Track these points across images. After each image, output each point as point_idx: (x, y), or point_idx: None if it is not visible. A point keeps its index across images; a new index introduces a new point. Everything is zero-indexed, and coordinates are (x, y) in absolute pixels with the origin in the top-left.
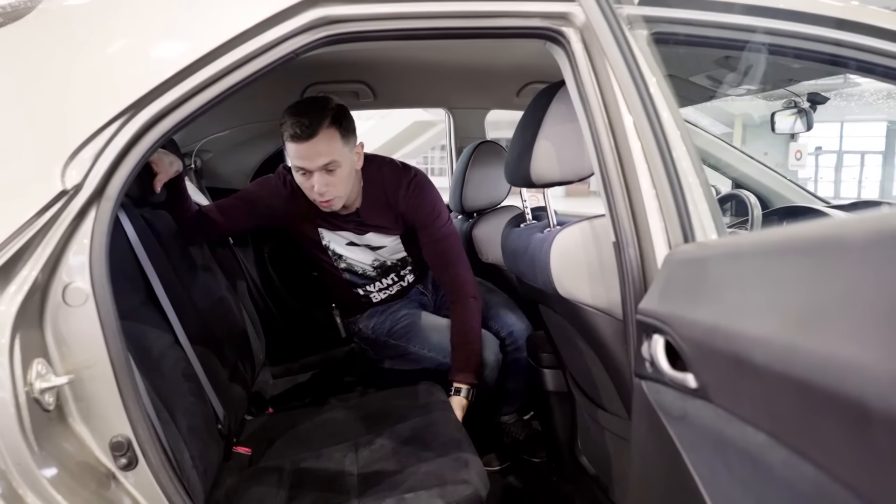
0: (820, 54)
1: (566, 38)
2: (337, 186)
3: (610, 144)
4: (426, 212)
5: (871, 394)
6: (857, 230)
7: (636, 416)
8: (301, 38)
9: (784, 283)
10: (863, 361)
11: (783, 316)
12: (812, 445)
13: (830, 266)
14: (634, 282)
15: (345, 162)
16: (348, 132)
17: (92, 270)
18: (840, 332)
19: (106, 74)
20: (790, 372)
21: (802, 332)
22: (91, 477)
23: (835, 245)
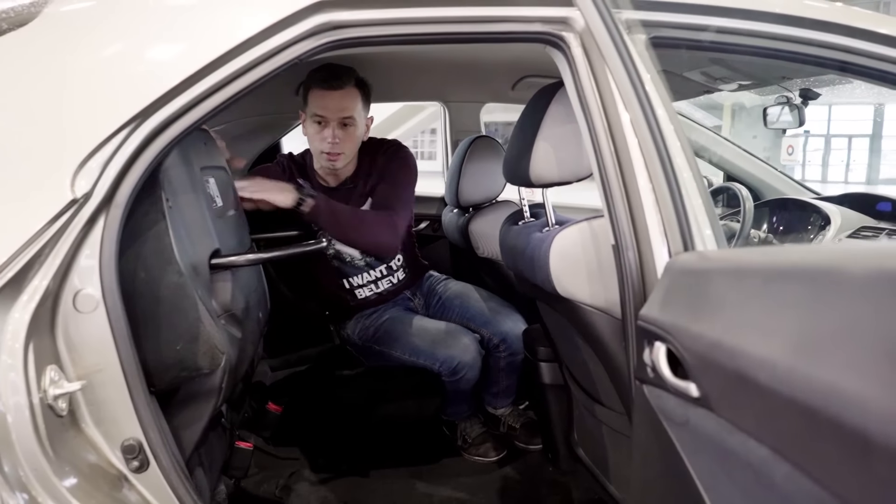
0: (811, 57)
1: (566, 43)
2: (346, 143)
3: (609, 149)
4: (397, 164)
5: (872, 426)
6: (857, 265)
7: (637, 419)
8: (305, 44)
9: (785, 307)
10: (863, 395)
11: (785, 339)
12: (814, 464)
13: (830, 297)
14: (633, 284)
15: (359, 122)
16: (367, 99)
17: (102, 277)
18: (840, 362)
19: (113, 82)
20: (793, 395)
21: (804, 358)
22: (104, 480)
23: (835, 277)
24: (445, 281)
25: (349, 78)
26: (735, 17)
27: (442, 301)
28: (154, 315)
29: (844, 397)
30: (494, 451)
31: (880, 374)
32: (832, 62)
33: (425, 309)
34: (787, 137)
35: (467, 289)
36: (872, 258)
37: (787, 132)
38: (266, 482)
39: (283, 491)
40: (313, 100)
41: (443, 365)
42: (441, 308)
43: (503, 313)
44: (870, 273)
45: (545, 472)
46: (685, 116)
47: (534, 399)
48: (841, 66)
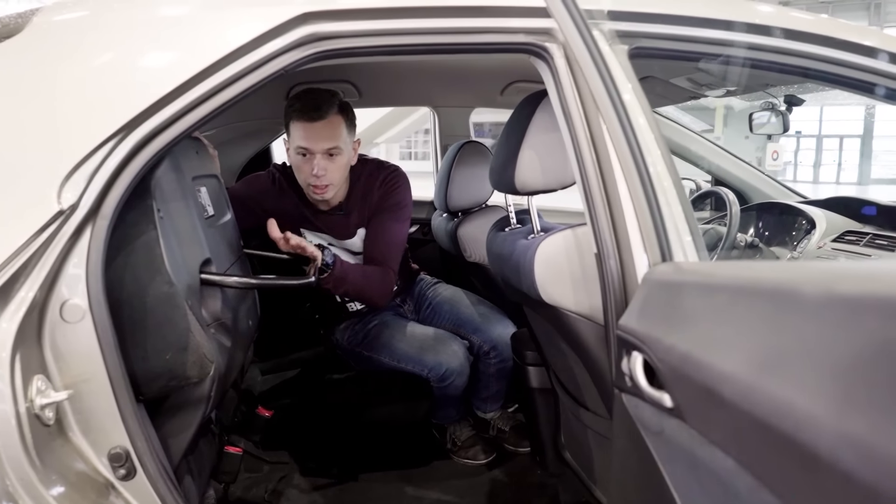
0: (792, 67)
1: (549, 54)
2: (333, 173)
3: (592, 158)
4: (394, 200)
5: (822, 445)
6: (811, 287)
7: (617, 426)
8: (291, 55)
9: (749, 323)
10: (814, 413)
11: (747, 355)
12: (773, 478)
13: (787, 316)
14: (615, 292)
15: (345, 150)
16: (351, 124)
17: (89, 287)
18: (794, 381)
19: (98, 94)
20: (752, 410)
21: (763, 375)
22: (91, 488)
23: (792, 297)
24: (436, 285)
25: (330, 106)
26: (716, 28)
27: (432, 306)
28: (143, 325)
29: (798, 415)
30: (483, 454)
31: (829, 395)
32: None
33: (416, 314)
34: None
35: (457, 294)
36: (825, 280)
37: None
38: (255, 486)
39: (272, 495)
40: (295, 131)
41: (431, 371)
42: (431, 313)
43: (493, 319)
44: (822, 295)
45: (533, 475)
46: (672, 121)
47: (522, 402)
48: (822, 77)
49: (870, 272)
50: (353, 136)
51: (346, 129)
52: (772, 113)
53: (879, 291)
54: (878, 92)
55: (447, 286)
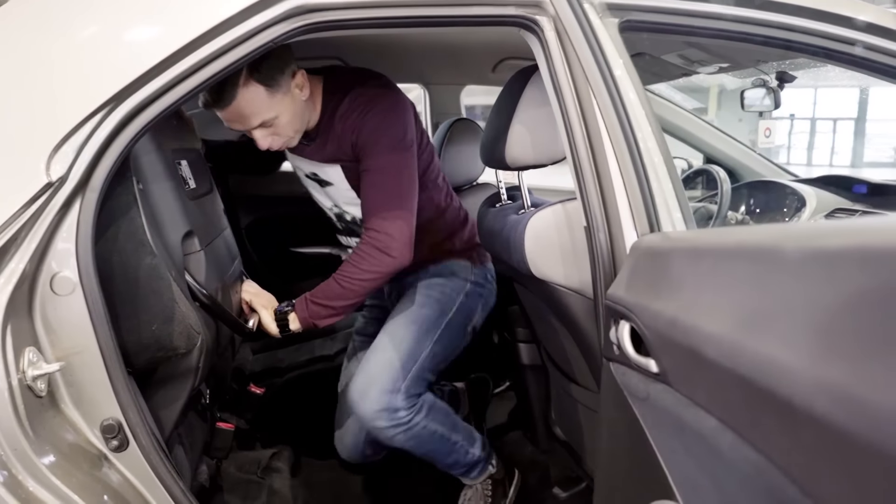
0: (785, 42)
1: (539, 27)
2: (282, 135)
3: (581, 131)
4: (367, 132)
5: (797, 396)
6: (791, 245)
7: (604, 395)
8: (278, 28)
9: (733, 285)
10: (793, 366)
11: (731, 316)
12: (753, 433)
13: (770, 275)
14: (604, 265)
15: (282, 110)
16: (274, 78)
17: (79, 260)
18: (777, 337)
19: (86, 66)
20: (736, 368)
21: (746, 334)
22: (84, 459)
23: (774, 255)
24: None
25: (232, 86)
26: (707, 1)
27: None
28: (130, 296)
29: (777, 370)
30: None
31: (807, 348)
32: (806, 47)
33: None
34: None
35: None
36: (805, 238)
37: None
38: (248, 463)
39: (264, 471)
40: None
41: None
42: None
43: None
44: (801, 251)
45: (524, 451)
46: (665, 98)
47: (513, 379)
48: (815, 52)
49: (847, 227)
50: (284, 84)
51: (268, 91)
52: (763, 90)
53: (856, 243)
54: (873, 68)
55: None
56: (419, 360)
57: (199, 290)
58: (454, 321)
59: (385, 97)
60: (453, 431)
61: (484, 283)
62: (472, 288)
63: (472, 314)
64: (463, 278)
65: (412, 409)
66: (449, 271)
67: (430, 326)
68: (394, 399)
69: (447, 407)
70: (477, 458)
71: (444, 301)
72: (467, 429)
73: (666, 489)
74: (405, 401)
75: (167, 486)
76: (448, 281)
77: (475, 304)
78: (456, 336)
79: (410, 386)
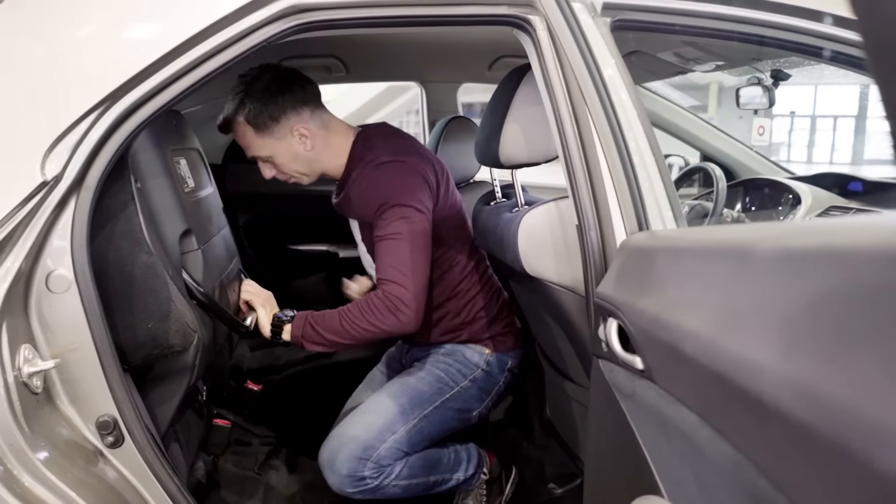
0: (779, 41)
1: (532, 26)
2: (284, 172)
3: (573, 130)
4: (374, 204)
5: (765, 392)
6: (764, 245)
7: (594, 392)
8: (272, 28)
9: (711, 283)
10: (762, 363)
11: (709, 313)
12: (729, 428)
13: (744, 274)
14: (595, 263)
15: (277, 151)
16: (266, 125)
17: (74, 258)
18: (749, 334)
19: (81, 65)
20: (712, 365)
21: (722, 331)
22: (80, 455)
23: (748, 255)
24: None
25: (232, 116)
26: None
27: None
28: (126, 294)
29: (748, 366)
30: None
31: (775, 345)
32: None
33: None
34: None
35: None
36: (776, 238)
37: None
38: (244, 459)
39: (261, 468)
40: None
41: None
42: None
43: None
44: (773, 251)
45: (519, 448)
46: (661, 96)
47: None
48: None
49: (815, 227)
50: (279, 130)
51: (257, 133)
52: (758, 88)
53: (821, 243)
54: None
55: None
56: (398, 432)
57: (196, 288)
58: (449, 404)
59: (396, 166)
60: (432, 473)
61: (499, 373)
62: (482, 375)
63: (474, 402)
64: (474, 364)
65: (379, 476)
66: (461, 354)
67: (420, 401)
68: (360, 467)
69: (427, 452)
70: (463, 480)
71: (444, 380)
72: (452, 455)
73: (652, 485)
74: (373, 470)
75: (162, 481)
76: (456, 363)
77: (482, 394)
78: (448, 419)
79: (382, 457)
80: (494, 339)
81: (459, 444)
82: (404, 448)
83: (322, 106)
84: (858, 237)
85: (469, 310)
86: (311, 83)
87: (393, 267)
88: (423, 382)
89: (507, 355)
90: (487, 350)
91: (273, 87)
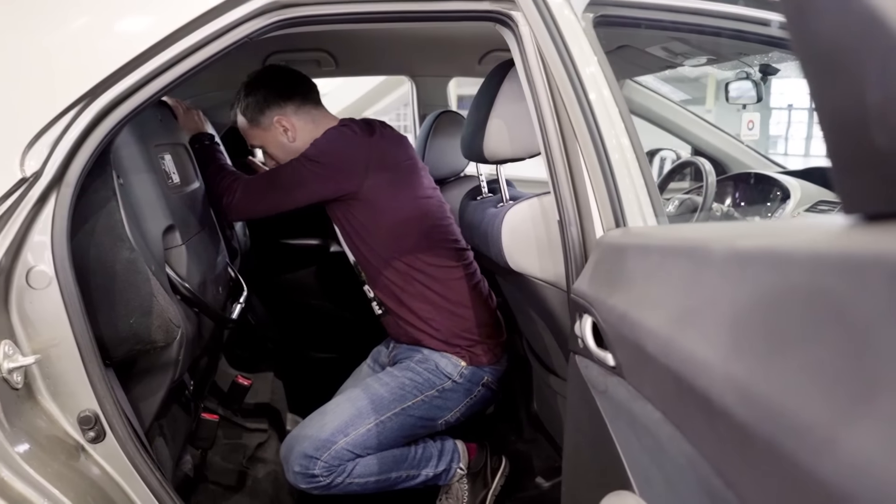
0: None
1: (514, 22)
2: (277, 161)
3: (555, 126)
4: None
5: (714, 389)
6: (718, 244)
7: (570, 387)
8: (254, 23)
9: (671, 282)
10: (710, 362)
11: (667, 312)
12: (686, 426)
13: (700, 273)
14: (576, 258)
15: (265, 141)
16: (254, 118)
17: (54, 254)
18: (701, 333)
19: (61, 60)
20: (668, 363)
21: (677, 330)
22: (61, 450)
23: (704, 255)
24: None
25: (235, 109)
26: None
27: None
28: (107, 290)
29: (698, 365)
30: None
31: (722, 344)
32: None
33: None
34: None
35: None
36: (730, 237)
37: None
38: (233, 452)
39: (250, 461)
40: None
41: None
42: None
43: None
44: (725, 251)
45: (507, 441)
46: (652, 90)
47: None
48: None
49: (766, 228)
50: (264, 122)
51: (249, 125)
52: (747, 82)
53: (766, 245)
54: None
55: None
56: (349, 435)
57: (180, 283)
58: (410, 411)
59: (339, 134)
60: (393, 470)
61: (473, 387)
62: (452, 386)
63: (441, 411)
64: (446, 374)
65: (330, 475)
66: (434, 363)
67: (378, 407)
68: (310, 465)
69: (384, 452)
70: (432, 475)
71: (408, 388)
72: (418, 452)
73: (624, 480)
74: (322, 469)
75: (145, 477)
76: (426, 371)
77: (450, 404)
78: (408, 426)
79: (332, 458)
80: (472, 350)
81: (432, 439)
82: (354, 451)
83: (312, 101)
84: (797, 239)
85: (447, 318)
86: (302, 81)
87: (259, 177)
88: (386, 388)
89: (483, 370)
90: (463, 362)
91: (261, 83)
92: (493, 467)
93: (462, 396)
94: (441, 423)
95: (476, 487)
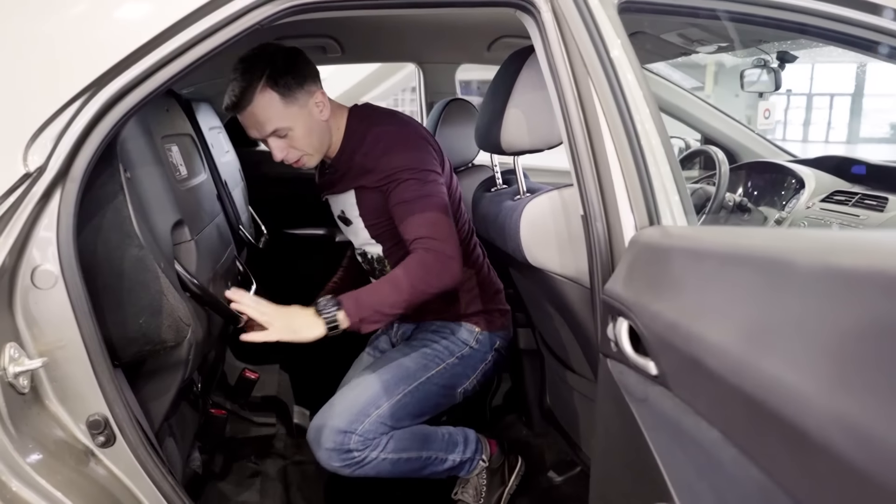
0: (789, 23)
1: (536, 8)
2: (297, 148)
3: (579, 117)
4: (384, 171)
5: (810, 424)
6: (806, 258)
7: (601, 392)
8: (264, 10)
9: (738, 294)
10: (804, 392)
11: (736, 327)
12: (758, 451)
13: (780, 288)
14: (602, 255)
15: (296, 123)
16: (291, 90)
17: (60, 252)
18: (785, 356)
19: (64, 50)
20: (740, 384)
21: (753, 349)
22: (70, 455)
23: (785, 268)
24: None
25: (252, 86)
26: None
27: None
28: (116, 289)
29: (786, 392)
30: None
31: (821, 373)
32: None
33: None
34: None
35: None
36: (820, 252)
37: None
38: (242, 448)
39: (258, 457)
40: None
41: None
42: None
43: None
44: (816, 267)
45: (519, 435)
46: (662, 77)
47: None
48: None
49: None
50: (301, 98)
51: (283, 101)
52: (764, 70)
53: (877, 265)
54: (881, 51)
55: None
56: (382, 406)
57: (190, 280)
58: (435, 379)
59: (405, 135)
60: (424, 449)
61: (487, 352)
62: (470, 352)
63: (460, 378)
64: (462, 341)
65: (366, 448)
66: (449, 331)
67: (405, 376)
68: (346, 440)
69: (415, 428)
70: (459, 462)
71: (430, 356)
72: (446, 436)
73: (664, 492)
74: (358, 443)
75: (156, 480)
76: (444, 339)
77: (468, 370)
78: (434, 395)
79: (367, 430)
80: (485, 317)
81: (455, 427)
82: (388, 422)
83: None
84: None
85: (462, 289)
86: (307, 60)
87: (428, 225)
88: (409, 359)
89: (496, 335)
90: (478, 328)
91: (290, 58)
92: (511, 465)
93: (478, 362)
94: (460, 393)
95: (493, 484)
